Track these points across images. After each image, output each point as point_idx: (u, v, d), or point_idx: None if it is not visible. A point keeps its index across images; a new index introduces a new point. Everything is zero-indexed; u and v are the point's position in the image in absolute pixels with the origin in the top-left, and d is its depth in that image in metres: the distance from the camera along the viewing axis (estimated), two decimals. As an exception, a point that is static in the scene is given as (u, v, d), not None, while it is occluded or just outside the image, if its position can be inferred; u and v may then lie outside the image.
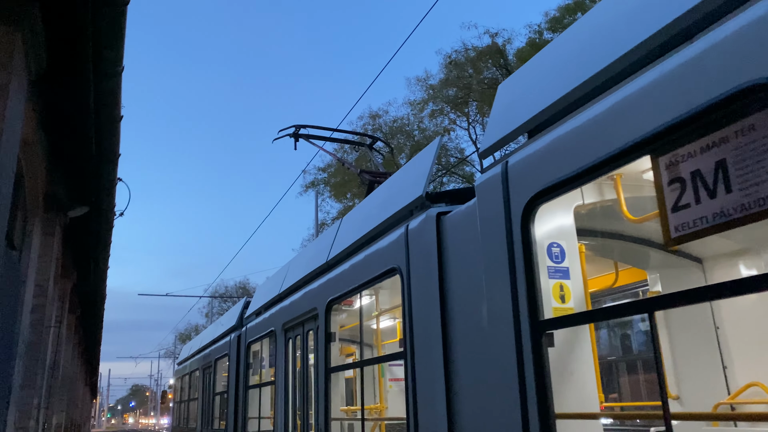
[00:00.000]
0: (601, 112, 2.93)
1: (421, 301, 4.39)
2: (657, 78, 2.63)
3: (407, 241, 4.67)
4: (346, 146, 22.87)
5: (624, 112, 2.79)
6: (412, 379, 4.39)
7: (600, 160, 2.84)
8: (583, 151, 2.98)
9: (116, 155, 7.84)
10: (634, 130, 2.70)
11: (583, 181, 3.02)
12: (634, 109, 2.73)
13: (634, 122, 2.71)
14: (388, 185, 5.69)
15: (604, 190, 3.85)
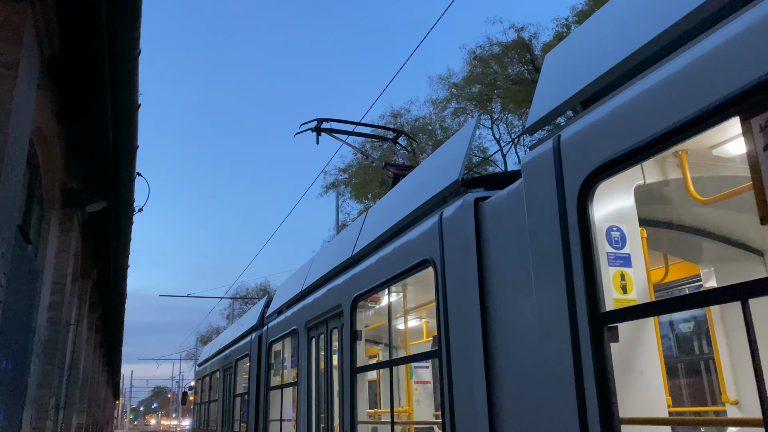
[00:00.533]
0: (675, 71, 2.55)
1: (458, 295, 4.02)
2: (755, 22, 2.24)
3: (441, 231, 4.31)
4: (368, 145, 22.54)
5: (705, 69, 2.40)
6: (448, 380, 4.02)
7: (677, 125, 2.46)
8: (653, 117, 2.60)
9: (134, 147, 7.59)
10: (718, 88, 2.32)
11: (652, 151, 2.64)
12: (720, 64, 2.34)
13: (719, 80, 2.33)
14: (419, 172, 5.33)
15: (666, 168, 3.45)
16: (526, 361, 3.38)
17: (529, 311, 3.40)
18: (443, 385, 4.10)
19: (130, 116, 6.91)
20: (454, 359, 3.99)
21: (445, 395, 4.05)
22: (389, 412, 8.54)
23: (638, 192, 3.30)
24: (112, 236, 10.66)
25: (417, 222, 4.86)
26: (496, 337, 3.70)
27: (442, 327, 4.17)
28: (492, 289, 3.80)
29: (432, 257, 4.39)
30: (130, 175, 8.37)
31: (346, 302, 6.17)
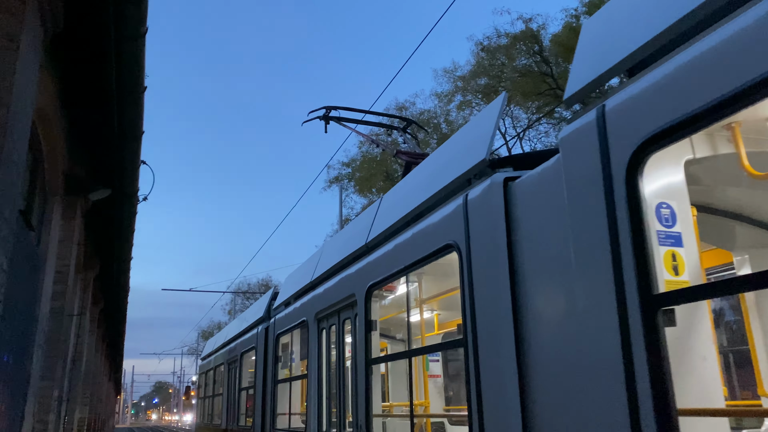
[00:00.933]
0: (733, 34, 2.32)
1: (486, 280, 3.80)
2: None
3: (466, 213, 4.08)
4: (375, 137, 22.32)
5: (765, 34, 2.18)
6: (475, 371, 3.80)
7: (735, 93, 2.23)
8: (709, 85, 2.38)
9: (140, 131, 7.37)
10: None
11: (706, 122, 2.42)
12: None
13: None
14: (439, 154, 5.10)
15: (717, 142, 3.22)
16: (564, 348, 3.16)
17: (566, 295, 3.18)
18: (469, 376, 3.88)
19: (136, 98, 6.68)
20: (482, 348, 3.77)
21: (472, 386, 3.83)
22: (404, 405, 8.35)
23: (688, 167, 3.07)
24: (116, 226, 10.45)
25: (438, 206, 4.64)
26: (528, 323, 3.48)
27: (468, 314, 3.95)
28: (523, 273, 3.57)
29: (456, 241, 4.17)
30: (135, 162, 8.14)
31: (360, 291, 5.95)
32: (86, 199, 8.63)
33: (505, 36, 20.28)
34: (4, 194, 3.93)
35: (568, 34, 18.05)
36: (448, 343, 4.68)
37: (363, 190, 29.12)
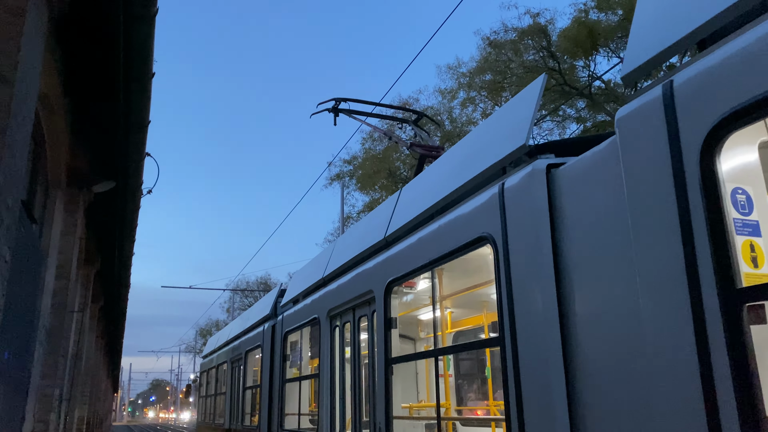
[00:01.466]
0: None
1: (526, 275, 3.53)
2: None
3: (503, 203, 3.81)
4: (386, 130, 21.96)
5: None
6: (514, 372, 3.53)
7: None
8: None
9: (146, 121, 7.08)
10: None
11: None
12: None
13: None
14: (469, 141, 4.82)
15: (791, 124, 2.95)
16: (621, 351, 2.89)
17: (623, 292, 2.91)
18: (507, 377, 3.61)
19: (144, 85, 6.40)
20: (522, 348, 3.50)
21: (510, 388, 3.57)
22: (424, 406, 8.07)
23: (762, 149, 2.80)
24: (118, 220, 10.16)
25: (469, 196, 4.37)
26: (576, 322, 3.21)
27: (505, 311, 3.68)
28: (570, 268, 3.30)
29: (490, 233, 3.90)
30: (141, 153, 7.86)
31: (378, 287, 5.68)
32: (89, 191, 8.34)
33: (513, 30, 20.03)
34: (7, 181, 3.65)
35: (577, 29, 17.79)
36: (482, 341, 4.42)
37: (365, 188, 28.84)
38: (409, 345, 9.79)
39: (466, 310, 8.48)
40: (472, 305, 8.19)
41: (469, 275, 6.30)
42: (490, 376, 8.22)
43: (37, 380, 7.19)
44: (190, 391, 24.28)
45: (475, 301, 7.91)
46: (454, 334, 9.57)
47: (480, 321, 8.04)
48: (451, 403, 6.94)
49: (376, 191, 28.88)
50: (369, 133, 27.73)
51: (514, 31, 20.06)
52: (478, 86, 23.42)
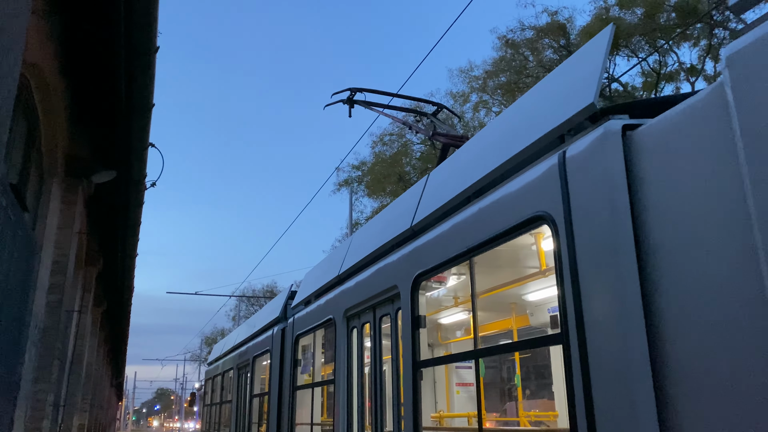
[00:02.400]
0: None
1: (597, 259, 2.94)
2: None
3: (564, 174, 3.23)
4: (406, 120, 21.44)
5: None
6: (583, 374, 2.93)
7: None
8: None
9: (150, 103, 6.55)
10: None
11: None
12: None
13: None
14: (514, 111, 4.23)
15: None
16: (733, 349, 2.30)
17: (735, 277, 2.32)
18: (572, 379, 3.01)
19: (147, 62, 5.86)
20: (593, 345, 2.90)
21: (577, 392, 2.96)
22: (458, 416, 7.45)
23: None
24: (121, 216, 9.62)
25: (516, 172, 3.80)
26: (667, 315, 2.62)
27: (570, 302, 3.09)
28: (657, 249, 2.71)
29: (547, 212, 3.31)
30: (144, 139, 7.32)
31: (404, 283, 5.09)
32: (89, 181, 7.80)
33: (530, 29, 19.45)
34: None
35: (600, 26, 17.18)
36: (539, 339, 3.83)
37: (375, 193, 28.27)
38: (429, 350, 9.17)
39: (493, 313, 7.88)
40: (498, 308, 7.59)
41: (499, 272, 5.72)
42: (520, 385, 7.56)
43: (29, 384, 6.61)
44: (195, 400, 23.66)
45: (502, 303, 7.31)
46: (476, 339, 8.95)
47: (508, 325, 7.43)
48: (485, 412, 6.30)
49: (386, 196, 28.30)
50: (380, 137, 27.18)
51: (531, 30, 19.52)
52: (491, 89, 22.87)
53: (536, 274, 5.09)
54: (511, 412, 7.97)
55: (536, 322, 7.09)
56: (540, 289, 6.25)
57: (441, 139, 7.49)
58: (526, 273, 5.67)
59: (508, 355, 7.24)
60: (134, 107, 6.54)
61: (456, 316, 8.26)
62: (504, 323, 7.26)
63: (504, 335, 8.23)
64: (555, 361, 7.58)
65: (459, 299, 6.91)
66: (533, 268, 5.67)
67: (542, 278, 5.54)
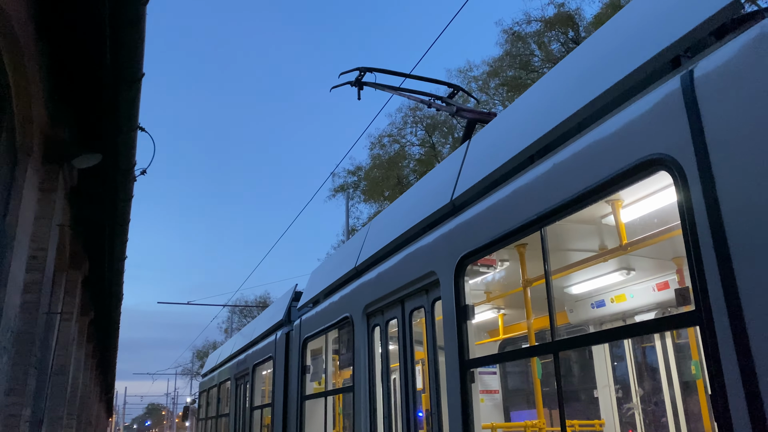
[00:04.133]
0: None
1: (757, 211, 2.13)
2: None
3: (694, 101, 2.42)
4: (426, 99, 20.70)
5: None
6: (742, 368, 2.11)
7: None
8: None
9: (138, 72, 5.72)
10: None
11: None
12: None
13: None
14: (589, 47, 3.42)
15: None
16: None
17: None
18: (721, 373, 2.19)
19: (135, 19, 5.04)
20: (755, 330, 2.09)
21: (733, 397, 2.14)
22: (516, 426, 6.59)
23: None
24: (108, 212, 8.74)
25: (602, 116, 3.00)
26: None
27: (712, 272, 2.28)
28: None
29: (668, 153, 2.51)
30: (132, 119, 6.47)
31: (445, 267, 4.26)
32: (70, 168, 6.94)
33: (537, 21, 18.76)
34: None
35: (612, 14, 16.50)
36: (670, 318, 3.03)
37: (372, 197, 27.43)
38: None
39: (523, 311, 7.06)
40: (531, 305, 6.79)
41: (563, 251, 4.90)
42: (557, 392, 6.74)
43: (1, 396, 5.72)
44: (187, 414, 22.62)
45: (537, 299, 6.51)
46: (501, 343, 8.13)
47: (546, 323, 6.59)
48: (545, 423, 5.45)
49: (384, 201, 27.48)
50: (378, 138, 26.37)
51: (538, 22, 18.84)
52: (493, 89, 22.17)
53: (616, 250, 4.27)
54: (553, 421, 7.13)
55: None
56: (609, 272, 5.44)
57: (467, 116, 6.69)
58: (595, 252, 4.85)
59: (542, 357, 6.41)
60: (121, 77, 5.71)
61: (486, 313, 7.40)
62: (540, 321, 6.42)
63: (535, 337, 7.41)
64: (598, 362, 6.76)
65: (508, 287, 6.07)
66: (603, 246, 4.85)
67: (618, 257, 4.73)
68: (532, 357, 5.08)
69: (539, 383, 5.02)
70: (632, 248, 4.05)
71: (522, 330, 7.32)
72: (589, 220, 4.18)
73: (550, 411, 7.40)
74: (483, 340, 8.21)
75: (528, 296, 4.68)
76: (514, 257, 4.95)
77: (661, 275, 5.48)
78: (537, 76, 19.13)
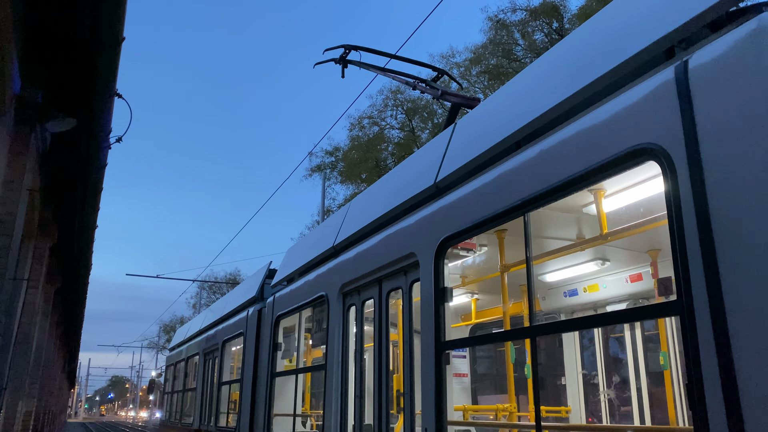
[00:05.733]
0: None
1: (747, 206, 2.15)
2: None
3: (687, 91, 2.43)
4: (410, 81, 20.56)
5: None
6: (720, 360, 2.13)
7: None
8: None
9: (119, 35, 5.54)
10: None
11: None
12: None
13: None
14: (579, 36, 3.40)
15: None
16: None
17: None
18: (695, 369, 2.21)
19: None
20: (735, 322, 2.11)
21: (710, 388, 2.17)
22: (486, 409, 6.61)
23: None
24: (80, 179, 8.53)
25: (592, 103, 3.00)
26: None
27: (695, 262, 2.29)
28: None
29: (658, 143, 2.51)
30: (110, 84, 6.29)
31: (425, 249, 4.26)
32: (43, 131, 6.74)
33: (522, 10, 18.74)
34: None
35: (599, 6, 16.56)
36: (651, 307, 3.05)
37: (349, 179, 27.31)
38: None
39: (496, 296, 7.10)
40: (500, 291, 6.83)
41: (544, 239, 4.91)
42: (530, 376, 6.81)
43: (-38, 362, 5.57)
44: (153, 388, 22.44)
45: (511, 285, 6.54)
46: (472, 327, 8.18)
47: (519, 309, 6.65)
48: (515, 407, 5.50)
49: (360, 183, 27.38)
50: (358, 119, 26.21)
51: (523, 11, 18.82)
52: (475, 75, 22.13)
53: (596, 239, 4.30)
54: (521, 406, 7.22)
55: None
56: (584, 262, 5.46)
57: (452, 99, 6.67)
58: (572, 241, 4.87)
59: (515, 342, 6.46)
60: (100, 40, 5.53)
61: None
62: (515, 307, 6.46)
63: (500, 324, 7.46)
64: (567, 350, 6.85)
65: (484, 273, 6.08)
66: (581, 236, 4.88)
67: (594, 247, 4.77)
68: (509, 341, 5.12)
69: (512, 367, 5.06)
70: (612, 238, 4.08)
71: (493, 315, 7.36)
72: (569, 208, 4.20)
73: (518, 396, 7.50)
74: (455, 324, 8.26)
75: (505, 282, 4.70)
76: (493, 242, 4.95)
77: (635, 267, 5.55)
78: (519, 66, 19.16)
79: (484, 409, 6.66)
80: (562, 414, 6.55)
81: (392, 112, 24.97)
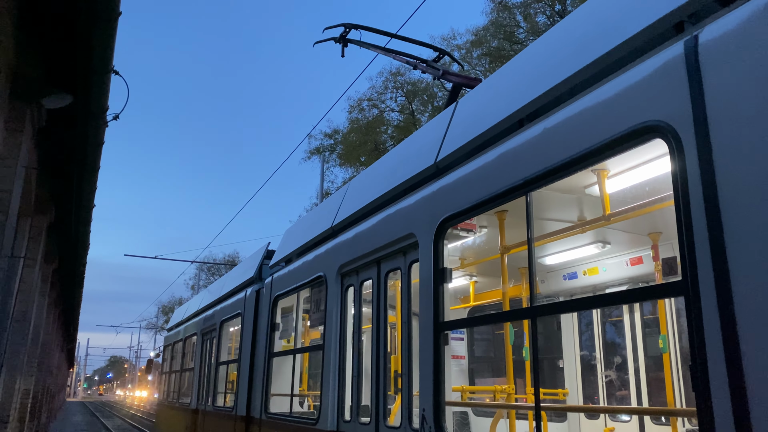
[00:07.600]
0: None
1: (751, 184, 2.10)
2: None
3: (696, 67, 2.37)
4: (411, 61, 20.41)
5: None
6: (726, 343, 2.10)
7: None
8: None
9: (116, 9, 5.45)
10: None
11: None
12: None
13: None
14: (586, 11, 3.33)
15: None
16: None
17: None
18: (699, 350, 2.18)
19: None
20: (741, 303, 2.07)
21: (714, 372, 2.14)
22: (484, 390, 6.61)
23: None
24: (77, 156, 8.45)
25: (597, 81, 2.94)
26: None
27: (700, 241, 2.25)
28: None
29: (665, 120, 2.46)
30: (106, 60, 6.20)
31: (424, 229, 4.21)
32: (39, 108, 6.65)
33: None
34: None
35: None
36: (656, 287, 3.02)
37: (349, 161, 27.19)
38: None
39: (495, 279, 7.08)
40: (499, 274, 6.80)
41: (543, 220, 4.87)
42: (529, 358, 6.81)
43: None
44: (151, 367, 22.53)
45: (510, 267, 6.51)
46: (470, 309, 8.16)
47: (517, 292, 6.62)
48: (513, 388, 5.49)
49: (359, 166, 27.27)
50: (357, 101, 26.06)
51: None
52: (476, 58, 21.94)
53: (598, 220, 4.25)
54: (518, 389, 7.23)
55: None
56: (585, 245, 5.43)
57: (453, 79, 6.59)
58: (573, 223, 4.83)
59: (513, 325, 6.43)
60: (97, 13, 5.43)
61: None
62: (514, 290, 6.43)
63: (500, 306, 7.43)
64: (566, 333, 6.84)
65: (483, 254, 6.04)
66: (582, 217, 4.83)
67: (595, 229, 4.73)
68: (509, 321, 5.10)
69: (510, 348, 5.04)
70: (615, 219, 4.04)
71: (491, 298, 7.35)
72: (571, 189, 4.16)
73: (515, 378, 7.51)
74: (453, 306, 8.25)
75: (505, 263, 4.67)
76: (493, 224, 4.91)
77: (636, 250, 5.52)
78: (521, 48, 18.99)
79: (482, 390, 6.66)
80: (559, 397, 6.55)
81: (392, 94, 24.92)
